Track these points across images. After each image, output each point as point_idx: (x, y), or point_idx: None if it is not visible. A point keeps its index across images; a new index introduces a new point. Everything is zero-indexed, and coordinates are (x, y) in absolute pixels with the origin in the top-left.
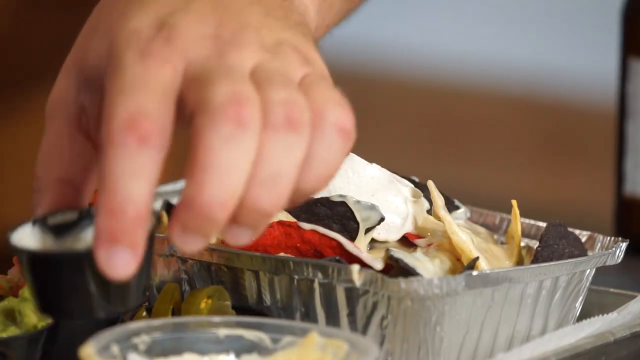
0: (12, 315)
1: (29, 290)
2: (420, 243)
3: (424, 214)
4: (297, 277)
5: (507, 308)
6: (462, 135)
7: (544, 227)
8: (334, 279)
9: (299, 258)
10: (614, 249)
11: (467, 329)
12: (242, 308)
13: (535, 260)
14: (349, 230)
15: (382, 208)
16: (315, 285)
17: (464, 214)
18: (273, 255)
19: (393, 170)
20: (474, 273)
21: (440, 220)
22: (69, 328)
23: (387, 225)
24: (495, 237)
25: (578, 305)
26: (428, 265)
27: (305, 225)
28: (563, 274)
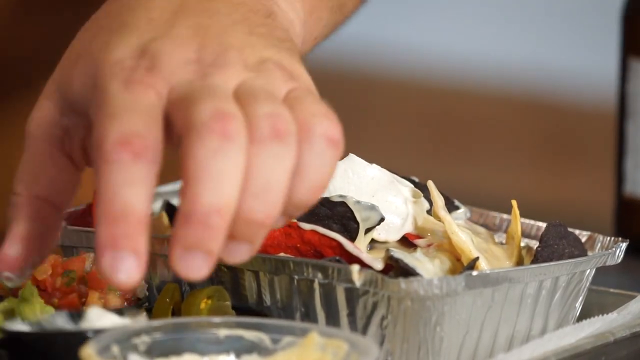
0: (12, 316)
1: None
2: (420, 243)
3: (424, 214)
4: (297, 277)
5: (507, 308)
6: (462, 135)
7: (544, 227)
8: (334, 279)
9: (299, 258)
10: (614, 249)
11: (467, 329)
12: (242, 308)
13: (535, 261)
14: (349, 231)
15: (382, 208)
16: (315, 286)
17: (464, 214)
18: (273, 256)
19: (393, 171)
20: (474, 273)
21: (440, 221)
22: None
23: (387, 226)
24: (496, 237)
25: (578, 306)
26: (428, 266)
27: (305, 226)
28: (563, 274)
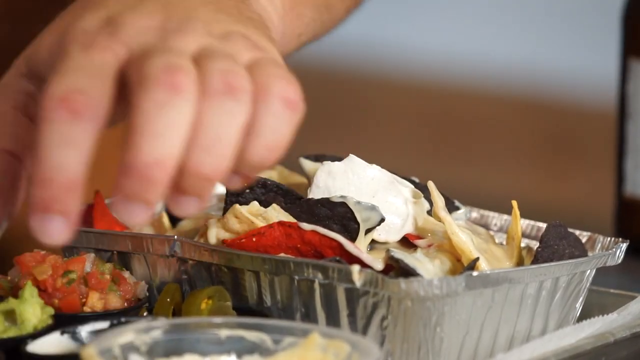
0: (12, 316)
1: None
2: (421, 244)
3: (424, 215)
4: (297, 277)
5: (507, 308)
6: (462, 136)
7: (544, 227)
8: (334, 280)
9: (300, 259)
10: (614, 250)
11: (467, 330)
12: (242, 309)
13: (536, 261)
14: (350, 231)
15: (382, 209)
16: (316, 286)
17: (464, 215)
18: (273, 256)
19: (393, 171)
20: (474, 274)
21: (441, 221)
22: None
23: (387, 226)
24: (496, 237)
25: (578, 306)
26: (428, 266)
27: (306, 226)
28: (563, 275)
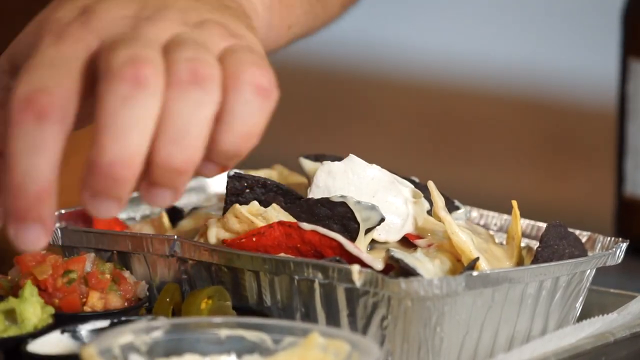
0: (12, 315)
1: None
2: (421, 243)
3: (424, 215)
4: (297, 277)
5: (507, 308)
6: (462, 135)
7: (544, 227)
8: (334, 280)
9: (299, 258)
10: (614, 250)
11: (467, 329)
12: (242, 308)
13: (536, 261)
14: (350, 231)
15: (382, 209)
16: (316, 286)
17: (464, 214)
18: (273, 256)
19: (393, 171)
20: (474, 273)
21: (441, 221)
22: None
23: (387, 226)
24: (496, 237)
25: (578, 306)
26: (428, 266)
27: (306, 226)
28: (563, 275)
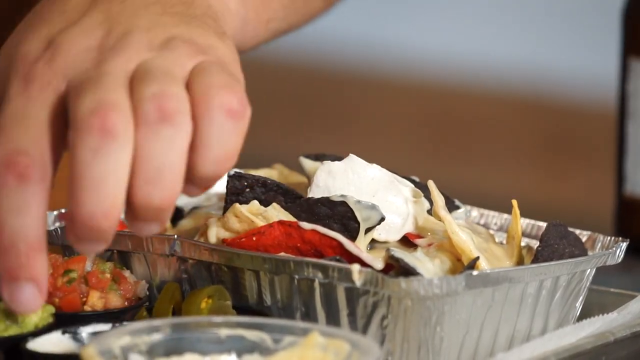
0: (13, 315)
1: None
2: (421, 243)
3: (425, 214)
4: (297, 276)
5: (507, 308)
6: (462, 135)
7: (545, 226)
8: (334, 279)
9: (300, 258)
10: (614, 249)
11: (467, 329)
12: (242, 308)
13: (536, 260)
14: (350, 230)
15: (382, 208)
16: (316, 285)
17: (464, 214)
18: (273, 255)
19: (393, 170)
20: (474, 273)
21: (441, 220)
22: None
23: (387, 226)
24: (496, 237)
25: (578, 305)
26: (428, 265)
27: (306, 225)
28: (563, 274)
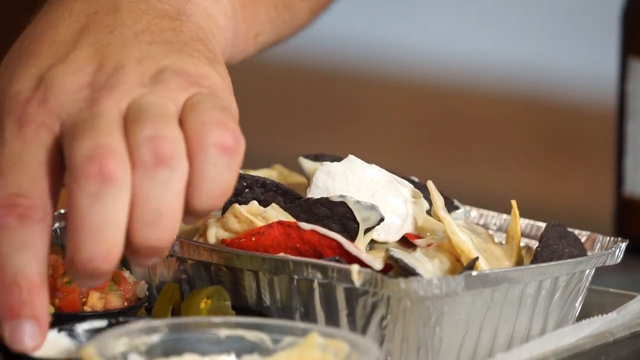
0: None
1: None
2: (420, 243)
3: (424, 215)
4: (296, 277)
5: (506, 308)
6: (461, 135)
7: (544, 227)
8: (334, 279)
9: (299, 258)
10: (614, 249)
11: (466, 329)
12: (241, 308)
13: (535, 260)
14: (349, 231)
15: (381, 209)
16: (315, 286)
17: (464, 214)
18: (273, 256)
19: (393, 171)
20: (474, 273)
21: (440, 221)
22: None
23: (386, 226)
24: (495, 237)
25: (577, 305)
26: (427, 266)
27: (305, 226)
28: (563, 274)
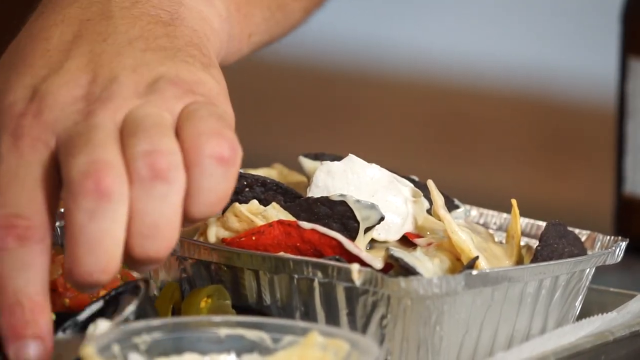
0: None
1: None
2: (420, 242)
3: (424, 214)
4: (296, 276)
5: (506, 307)
6: (462, 135)
7: (544, 226)
8: (334, 278)
9: (299, 257)
10: (614, 248)
11: (466, 329)
12: (242, 307)
13: (535, 260)
14: (349, 230)
15: (382, 208)
16: (315, 285)
17: (464, 214)
18: (273, 255)
19: (393, 170)
20: (474, 272)
21: (440, 220)
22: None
23: (387, 225)
24: (495, 236)
25: (578, 305)
26: (428, 265)
27: (305, 225)
28: (563, 273)
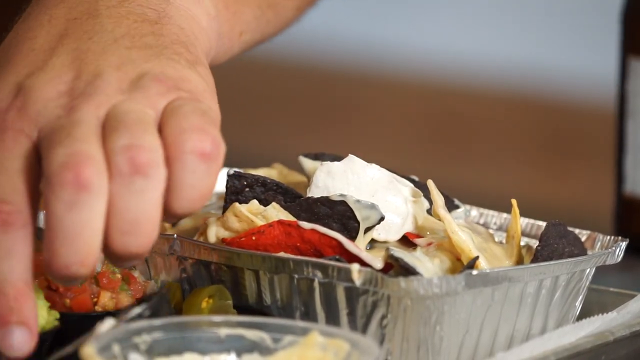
0: None
1: None
2: (420, 242)
3: (424, 214)
4: (297, 276)
5: (507, 307)
6: (461, 135)
7: (544, 226)
8: (334, 278)
9: (299, 257)
10: (614, 248)
11: (466, 328)
12: (242, 307)
13: (535, 260)
14: (349, 230)
15: (382, 208)
16: (315, 285)
17: (464, 214)
18: (273, 255)
19: (393, 170)
20: (474, 272)
21: (440, 220)
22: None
23: (387, 225)
24: (495, 236)
25: (578, 305)
26: (428, 265)
27: (305, 225)
28: (563, 273)
